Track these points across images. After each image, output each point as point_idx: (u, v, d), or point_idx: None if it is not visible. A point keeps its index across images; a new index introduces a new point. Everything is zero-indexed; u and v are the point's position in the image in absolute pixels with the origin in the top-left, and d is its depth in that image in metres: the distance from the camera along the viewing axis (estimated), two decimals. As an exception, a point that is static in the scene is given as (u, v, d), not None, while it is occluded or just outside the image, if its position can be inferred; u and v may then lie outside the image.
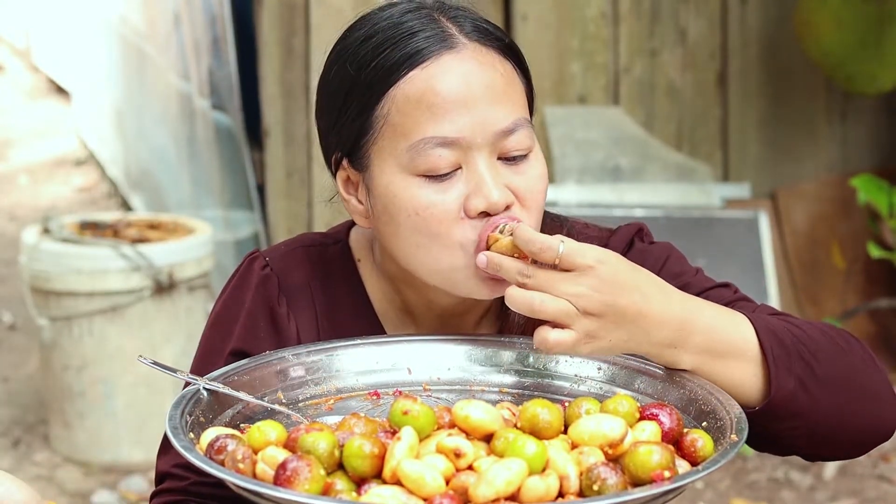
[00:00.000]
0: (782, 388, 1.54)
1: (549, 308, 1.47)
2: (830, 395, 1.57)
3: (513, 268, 1.51)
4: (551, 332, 1.48)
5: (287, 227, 4.77)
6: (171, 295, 4.45)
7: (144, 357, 1.59)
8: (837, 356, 1.59)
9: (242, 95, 4.79)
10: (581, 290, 1.47)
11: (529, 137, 1.61)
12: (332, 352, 1.63)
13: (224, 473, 1.33)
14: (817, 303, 5.12)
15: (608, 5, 4.94)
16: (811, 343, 1.58)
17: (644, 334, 1.50)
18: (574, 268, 1.47)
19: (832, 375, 1.58)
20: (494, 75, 1.60)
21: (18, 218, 7.58)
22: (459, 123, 1.57)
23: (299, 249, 1.76)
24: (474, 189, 1.57)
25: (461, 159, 1.58)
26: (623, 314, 1.48)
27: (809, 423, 1.57)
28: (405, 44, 1.60)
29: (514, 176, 1.60)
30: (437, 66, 1.58)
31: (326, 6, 4.67)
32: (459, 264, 1.59)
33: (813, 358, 1.57)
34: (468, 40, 1.61)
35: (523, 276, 1.49)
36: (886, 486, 4.27)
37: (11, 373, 5.35)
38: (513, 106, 1.60)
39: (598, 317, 1.48)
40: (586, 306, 1.47)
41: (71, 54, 8.66)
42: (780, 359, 1.55)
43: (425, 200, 1.58)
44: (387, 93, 1.59)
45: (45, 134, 9.55)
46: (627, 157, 4.82)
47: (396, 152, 1.59)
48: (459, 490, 1.32)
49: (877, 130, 5.35)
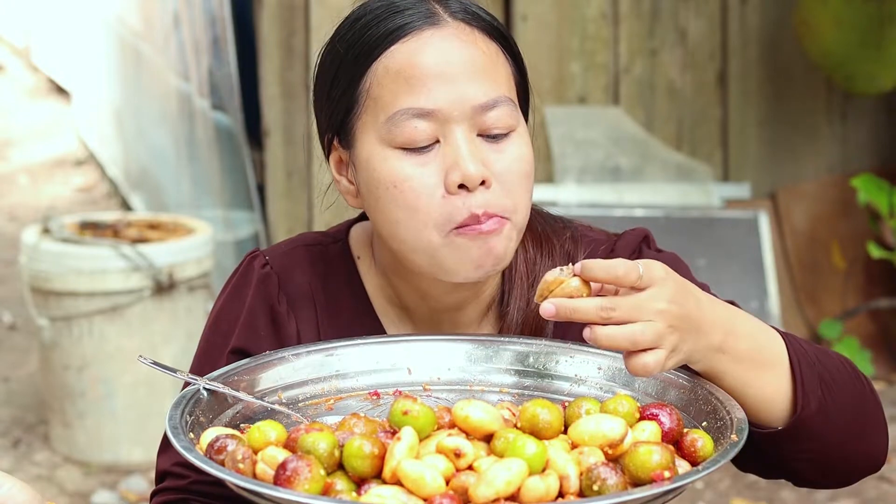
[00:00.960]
0: (808, 406, 1.53)
1: (649, 336, 1.41)
2: (843, 419, 1.57)
3: (591, 306, 1.42)
4: (647, 356, 1.42)
5: (287, 227, 4.77)
6: (171, 295, 4.45)
7: (144, 357, 1.59)
8: (850, 382, 1.59)
9: (242, 95, 4.79)
10: (662, 305, 1.43)
11: (511, 116, 1.60)
12: (332, 352, 1.63)
13: (224, 473, 1.33)
14: (817, 303, 5.11)
15: (608, 5, 4.94)
16: (831, 366, 1.58)
17: (704, 339, 1.48)
18: (652, 284, 1.43)
19: (847, 402, 1.57)
20: (476, 52, 1.60)
21: (18, 218, 7.58)
22: (436, 95, 1.57)
23: (300, 248, 1.76)
24: (451, 163, 1.57)
25: (439, 132, 1.58)
26: (691, 322, 1.46)
27: (823, 447, 1.57)
28: (389, 20, 1.61)
29: (493, 153, 1.59)
30: (417, 41, 1.59)
31: (326, 6, 4.67)
32: (437, 241, 1.58)
33: (831, 379, 1.57)
34: (452, 19, 1.61)
35: (607, 310, 1.41)
36: (886, 486, 4.27)
37: (11, 373, 5.35)
38: (493, 83, 1.60)
39: (678, 329, 1.44)
40: (670, 321, 1.43)
41: (71, 54, 8.66)
42: (807, 376, 1.54)
43: (403, 173, 1.58)
44: (369, 68, 1.60)
45: (45, 134, 9.55)
46: (627, 157, 4.82)
47: (377, 125, 1.60)
48: (459, 490, 1.32)
49: (877, 130, 5.35)
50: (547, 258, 1.72)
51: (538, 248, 1.73)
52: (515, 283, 1.71)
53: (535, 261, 1.72)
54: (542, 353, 1.63)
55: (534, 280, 1.71)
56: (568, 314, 1.42)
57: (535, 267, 1.72)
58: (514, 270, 1.71)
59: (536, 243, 1.73)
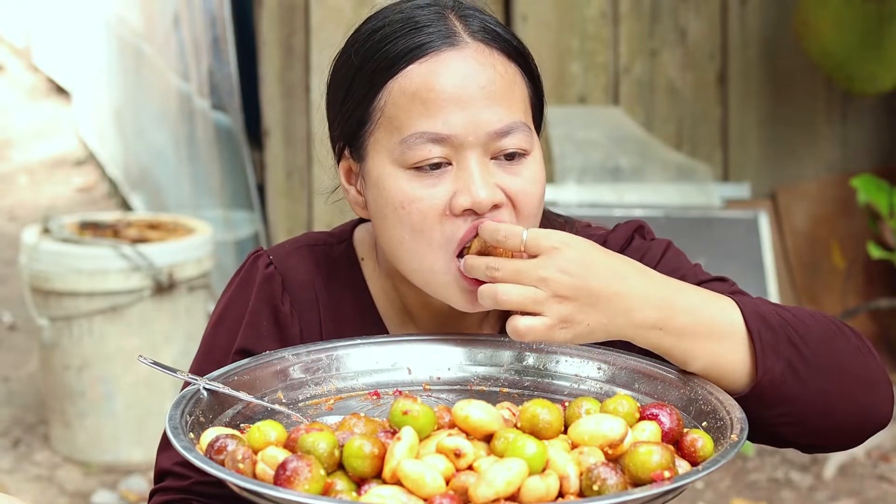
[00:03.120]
0: (770, 370, 1.52)
1: (513, 295, 1.47)
2: (821, 379, 1.54)
3: (481, 264, 1.51)
4: (521, 319, 1.47)
5: (287, 227, 4.77)
6: (171, 295, 4.45)
7: (144, 357, 1.59)
8: (829, 340, 1.56)
9: (242, 95, 4.79)
10: (548, 273, 1.46)
11: (526, 142, 1.60)
12: (333, 352, 1.63)
13: (224, 473, 1.33)
14: (817, 303, 5.12)
15: (608, 5, 4.94)
16: (800, 326, 1.55)
17: (624, 316, 1.49)
18: (539, 251, 1.47)
19: (823, 359, 1.55)
20: (494, 76, 1.59)
21: (18, 218, 7.57)
22: (452, 121, 1.57)
23: (303, 248, 1.76)
24: (462, 186, 1.57)
25: (452, 156, 1.58)
26: (597, 295, 1.47)
27: (799, 410, 1.55)
28: (408, 38, 1.60)
29: (507, 176, 1.59)
30: (435, 62, 1.58)
31: (326, 6, 4.67)
32: (440, 266, 1.58)
33: (802, 341, 1.54)
34: (472, 39, 1.60)
35: (491, 269, 1.49)
36: (886, 486, 4.27)
37: (11, 373, 5.35)
38: (509, 108, 1.59)
39: (571, 300, 1.47)
40: (556, 290, 1.46)
41: (71, 54, 8.66)
42: (767, 341, 1.53)
43: (412, 194, 1.58)
44: (385, 85, 1.60)
45: (45, 134, 9.55)
46: (627, 157, 4.82)
47: (390, 145, 1.59)
48: (459, 490, 1.32)
49: (877, 130, 5.35)
50: None
51: None
52: None
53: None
54: (542, 353, 1.63)
55: None
56: (468, 270, 1.54)
57: None
58: None
59: None
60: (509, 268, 1.48)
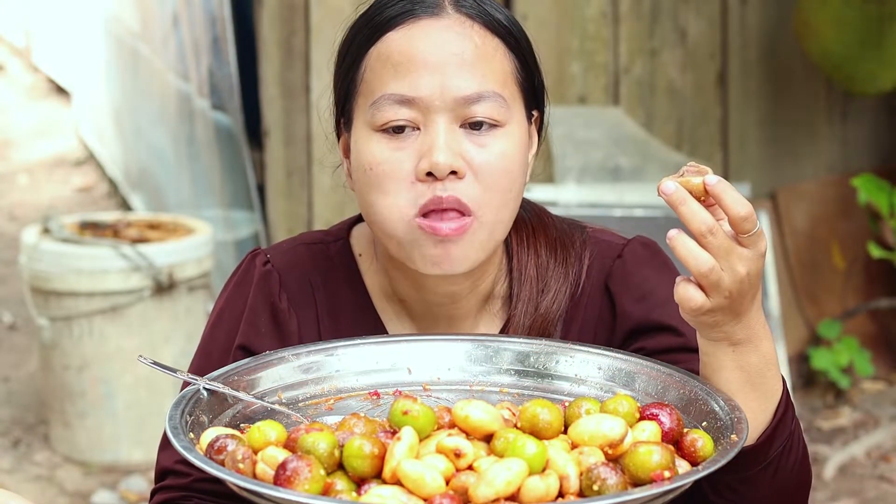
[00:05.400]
0: (767, 448, 1.52)
1: (713, 278, 1.41)
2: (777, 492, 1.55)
3: (701, 216, 1.41)
4: (695, 292, 1.42)
5: (287, 227, 4.77)
6: (171, 295, 4.45)
7: (144, 357, 1.59)
8: (804, 473, 1.59)
9: (242, 95, 4.79)
10: (743, 271, 1.42)
11: (499, 113, 1.60)
12: (332, 352, 1.63)
13: (224, 473, 1.33)
14: (817, 303, 5.11)
15: (608, 5, 4.94)
16: (798, 446, 1.57)
17: (732, 328, 1.48)
18: (753, 249, 1.43)
19: (788, 483, 1.56)
20: (468, 45, 1.60)
21: (18, 218, 7.57)
22: (420, 84, 1.57)
23: (301, 247, 1.76)
24: (425, 151, 1.57)
25: (420, 121, 1.59)
26: (740, 307, 1.45)
27: (748, 498, 1.55)
28: (396, 5, 1.62)
29: (473, 146, 1.59)
30: (413, 29, 1.60)
31: (326, 6, 4.67)
32: (402, 228, 1.59)
33: (792, 453, 1.55)
34: (454, 11, 1.62)
35: (710, 233, 1.41)
36: (886, 486, 4.27)
37: (11, 373, 5.35)
38: (482, 77, 1.59)
39: (732, 300, 1.43)
40: (735, 287, 1.43)
41: (71, 54, 8.66)
42: (780, 430, 1.53)
43: (379, 156, 1.59)
44: (367, 52, 1.62)
45: (45, 134, 9.54)
46: (627, 157, 4.81)
47: (364, 109, 1.61)
48: (459, 490, 1.32)
49: (877, 130, 5.35)
50: (560, 265, 1.72)
51: (551, 254, 1.72)
52: (525, 286, 1.71)
53: (546, 266, 1.71)
54: (542, 353, 1.63)
55: (544, 286, 1.71)
56: (677, 202, 1.40)
57: (546, 272, 1.71)
58: (524, 273, 1.71)
59: (550, 249, 1.72)
60: (724, 244, 1.41)
